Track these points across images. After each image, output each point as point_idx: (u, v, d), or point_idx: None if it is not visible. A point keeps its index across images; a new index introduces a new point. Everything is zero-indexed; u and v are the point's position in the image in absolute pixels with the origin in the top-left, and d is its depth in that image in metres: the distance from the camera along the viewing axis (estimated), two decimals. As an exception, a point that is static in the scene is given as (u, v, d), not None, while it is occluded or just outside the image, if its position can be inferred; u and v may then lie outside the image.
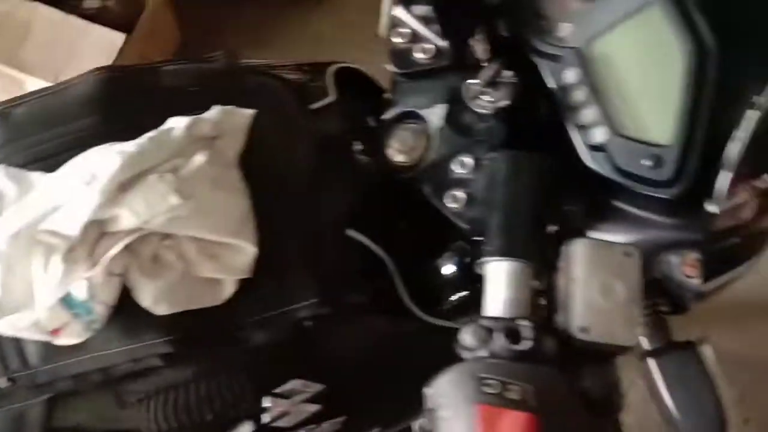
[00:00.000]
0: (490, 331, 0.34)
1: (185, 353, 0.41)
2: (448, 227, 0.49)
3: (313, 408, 0.49)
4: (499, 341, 0.33)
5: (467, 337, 0.34)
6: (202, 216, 0.40)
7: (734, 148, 0.37)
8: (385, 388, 0.52)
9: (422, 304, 0.55)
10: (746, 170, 0.38)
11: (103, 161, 0.40)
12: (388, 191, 0.55)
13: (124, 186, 0.40)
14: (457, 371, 0.33)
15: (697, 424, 0.51)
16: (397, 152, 0.52)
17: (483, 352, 0.34)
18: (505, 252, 0.36)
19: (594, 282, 0.34)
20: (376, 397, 0.52)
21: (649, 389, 0.54)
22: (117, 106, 0.45)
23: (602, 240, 0.35)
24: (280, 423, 0.48)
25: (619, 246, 0.35)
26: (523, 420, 0.30)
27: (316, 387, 0.48)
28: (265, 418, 0.47)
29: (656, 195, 0.45)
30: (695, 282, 0.45)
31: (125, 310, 0.40)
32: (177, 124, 0.44)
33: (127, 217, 0.39)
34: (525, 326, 0.33)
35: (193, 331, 0.41)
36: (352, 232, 0.49)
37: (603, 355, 0.35)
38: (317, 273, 0.44)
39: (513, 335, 0.33)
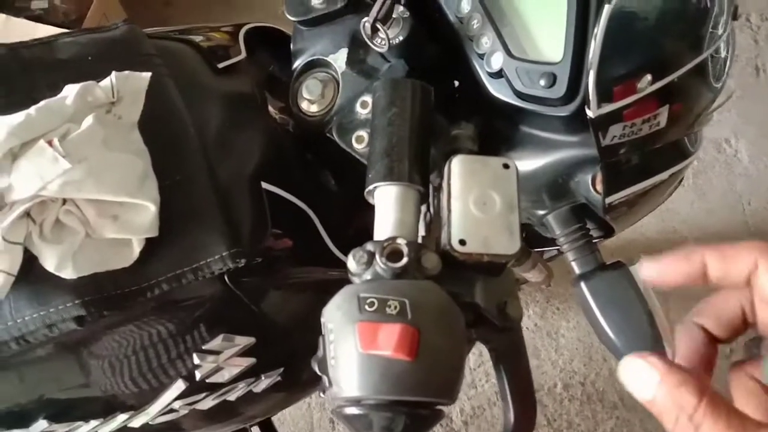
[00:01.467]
0: (373, 254, 0.34)
1: (99, 315, 0.42)
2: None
3: (247, 362, 0.50)
4: (380, 261, 0.33)
5: (351, 262, 0.34)
6: (96, 178, 0.40)
7: (594, 45, 0.37)
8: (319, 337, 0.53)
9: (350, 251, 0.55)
10: (619, 69, 0.38)
11: (-10, 132, 0.40)
12: (306, 145, 0.55)
13: (15, 155, 0.40)
14: (340, 295, 0.33)
15: (632, 341, 0.51)
16: (308, 102, 0.52)
17: (367, 275, 0.34)
18: (386, 176, 0.36)
19: (470, 194, 0.34)
20: (312, 347, 0.53)
21: (584, 312, 0.55)
22: (9, 82, 0.45)
23: (479, 155, 0.35)
24: (215, 379, 0.49)
25: (496, 159, 0.35)
26: (398, 330, 0.30)
27: (245, 341, 0.49)
28: (198, 375, 0.48)
29: (556, 114, 0.45)
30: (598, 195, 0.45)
31: (35, 278, 0.41)
32: (70, 91, 0.44)
33: (21, 186, 0.39)
34: (402, 244, 0.33)
35: (104, 293, 0.42)
36: (267, 185, 0.49)
37: (490, 269, 0.35)
38: (228, 225, 0.44)
39: (393, 255, 0.34)
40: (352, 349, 0.31)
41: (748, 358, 0.31)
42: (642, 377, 0.27)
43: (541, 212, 0.55)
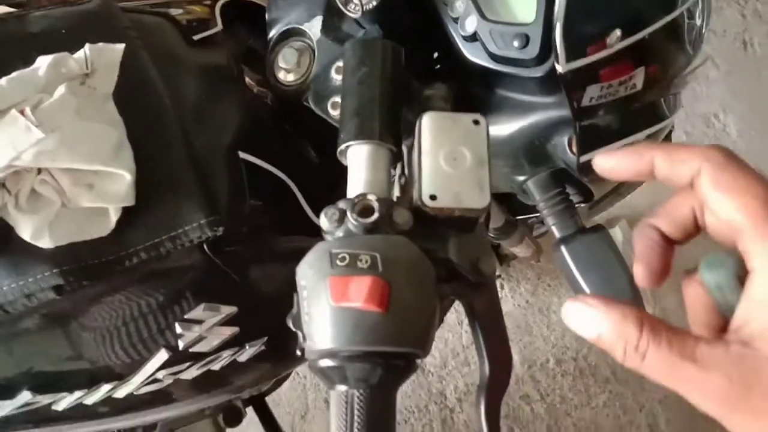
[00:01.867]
0: (345, 211, 0.34)
1: (78, 285, 0.42)
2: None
3: (230, 331, 0.50)
4: (352, 218, 0.34)
5: (323, 220, 0.35)
6: (70, 146, 0.40)
7: (559, 4, 0.37)
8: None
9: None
10: (586, 24, 0.38)
11: (-39, 103, 0.40)
12: (284, 116, 0.55)
13: (-13, 126, 0.40)
14: (312, 253, 0.34)
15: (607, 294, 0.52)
16: (284, 72, 0.52)
17: (339, 233, 0.34)
18: (357, 134, 0.37)
19: (440, 151, 0.34)
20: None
21: (566, 276, 0.56)
22: (-18, 54, 0.45)
23: (449, 112, 0.35)
24: (198, 348, 0.49)
25: (467, 115, 0.36)
26: (368, 283, 0.31)
27: (228, 310, 0.49)
28: (181, 344, 0.48)
29: (530, 75, 0.45)
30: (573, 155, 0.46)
31: (12, 249, 0.41)
32: (43, 62, 0.43)
33: (-6, 156, 0.39)
34: (373, 200, 0.34)
35: (82, 262, 0.42)
36: (245, 155, 0.50)
37: (462, 224, 0.35)
38: (204, 195, 0.44)
39: (365, 211, 0.34)
40: (324, 303, 0.32)
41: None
42: (585, 318, 0.28)
43: (521, 178, 0.55)
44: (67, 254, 0.41)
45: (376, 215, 0.33)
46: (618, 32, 0.39)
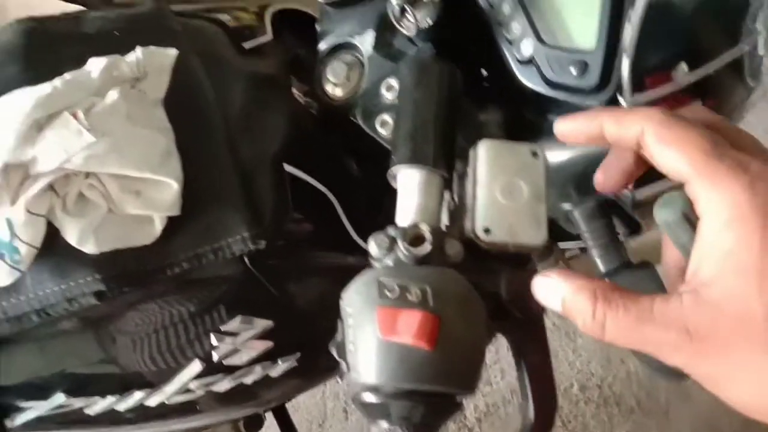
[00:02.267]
0: (395, 239, 0.33)
1: (119, 291, 0.42)
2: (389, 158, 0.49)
3: (264, 345, 0.50)
4: (402, 247, 0.33)
5: (372, 246, 0.34)
6: (120, 152, 0.40)
7: (631, 32, 0.36)
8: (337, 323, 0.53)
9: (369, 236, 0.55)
10: (655, 57, 0.37)
11: (17, 103, 0.40)
12: (330, 129, 0.55)
13: (41, 126, 0.40)
14: (360, 279, 0.33)
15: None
16: (332, 85, 0.52)
17: (388, 260, 0.33)
18: (410, 159, 0.36)
19: (497, 182, 0.33)
20: (330, 333, 0.53)
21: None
22: (38, 54, 0.45)
23: (507, 141, 0.34)
24: (232, 361, 0.49)
25: (525, 146, 0.34)
26: (419, 318, 0.30)
27: (263, 324, 0.49)
28: (215, 356, 0.48)
29: (587, 104, 0.44)
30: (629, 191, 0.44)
31: (57, 252, 0.41)
32: (96, 65, 0.43)
33: (45, 158, 0.39)
34: (426, 230, 0.33)
35: (125, 269, 0.42)
36: (289, 168, 0.49)
37: (515, 259, 0.34)
38: (249, 207, 0.44)
39: (416, 241, 0.33)
40: (371, 335, 0.31)
41: None
42: (547, 291, 0.30)
43: (567, 206, 0.54)
44: (110, 260, 0.41)
45: (428, 246, 0.32)
46: (684, 66, 0.38)
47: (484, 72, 0.52)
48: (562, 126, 0.32)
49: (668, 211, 0.28)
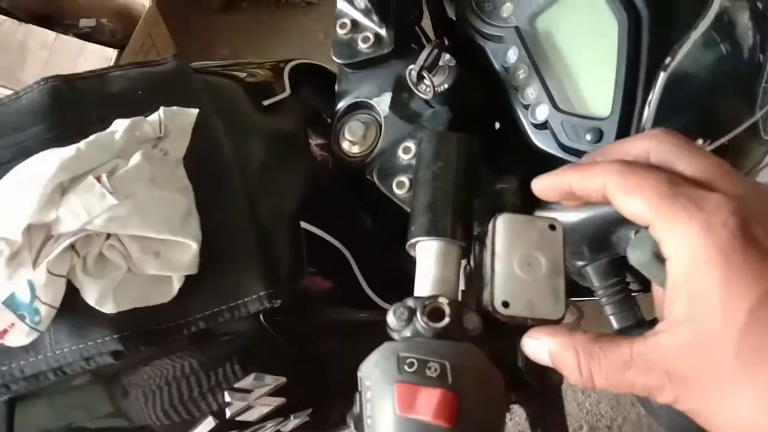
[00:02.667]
0: (414, 311, 0.34)
1: (136, 350, 0.42)
2: (404, 216, 0.50)
3: (277, 401, 0.50)
4: (421, 320, 0.33)
5: (391, 318, 0.34)
6: (142, 215, 0.41)
7: (649, 111, 0.36)
8: (351, 379, 0.53)
9: (384, 294, 0.55)
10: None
11: (42, 165, 0.41)
12: (345, 184, 0.55)
13: (64, 189, 0.41)
14: (379, 353, 0.33)
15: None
16: (349, 143, 0.52)
17: (407, 332, 0.34)
18: (429, 231, 0.36)
19: (515, 255, 0.33)
20: (343, 388, 0.53)
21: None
22: (63, 113, 0.46)
23: (525, 215, 0.35)
24: (245, 417, 0.49)
25: (543, 219, 0.35)
26: (438, 396, 0.30)
27: (277, 380, 0.49)
28: (228, 412, 0.48)
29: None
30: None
31: (75, 311, 0.41)
32: (119, 126, 0.44)
33: (68, 219, 0.40)
34: (444, 303, 0.33)
35: (142, 329, 0.42)
36: (305, 225, 0.50)
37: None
38: (266, 265, 0.44)
39: (435, 314, 0.33)
40: (390, 411, 0.31)
41: None
42: (537, 352, 0.31)
43: (580, 263, 0.54)
44: (128, 320, 0.41)
45: (446, 320, 0.33)
46: (700, 141, 0.39)
47: (497, 126, 0.53)
48: (536, 184, 0.34)
49: (639, 252, 0.29)
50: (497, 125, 0.55)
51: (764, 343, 0.23)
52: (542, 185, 0.34)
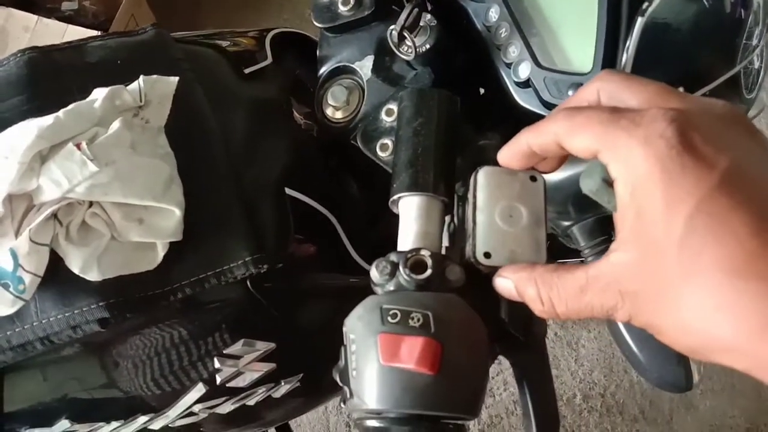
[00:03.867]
0: (396, 264, 0.34)
1: (122, 318, 0.42)
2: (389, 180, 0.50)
3: (267, 367, 0.50)
4: (404, 273, 0.33)
5: (374, 272, 0.34)
6: (123, 181, 0.41)
7: (627, 57, 0.36)
8: (341, 344, 0.53)
9: (372, 259, 0.55)
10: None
11: (21, 135, 0.40)
12: (330, 150, 0.55)
13: (44, 158, 0.41)
14: (363, 306, 0.33)
15: (655, 356, 0.51)
16: (333, 109, 0.52)
17: (390, 286, 0.34)
18: (410, 186, 0.36)
19: (496, 207, 0.34)
20: (333, 354, 0.53)
21: (608, 326, 0.55)
22: (41, 85, 0.46)
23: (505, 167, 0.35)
24: (235, 383, 0.49)
25: (524, 171, 0.35)
26: (420, 344, 0.30)
27: (266, 346, 0.49)
28: (218, 379, 0.48)
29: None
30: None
31: (60, 280, 0.41)
32: (99, 95, 0.44)
33: (49, 188, 0.40)
34: (426, 255, 0.33)
35: (128, 296, 0.42)
36: (290, 191, 0.49)
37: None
38: (251, 231, 0.44)
39: (417, 266, 0.33)
40: (374, 361, 0.31)
41: None
42: (505, 290, 0.32)
43: (567, 223, 0.54)
44: (113, 287, 0.41)
45: (429, 272, 0.33)
46: (681, 90, 0.38)
47: (482, 91, 0.53)
48: (500, 156, 0.34)
49: (590, 180, 0.29)
50: (482, 91, 0.54)
51: (703, 249, 0.23)
52: (504, 155, 0.34)
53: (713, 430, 1.33)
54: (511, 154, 0.33)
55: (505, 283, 0.32)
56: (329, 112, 0.52)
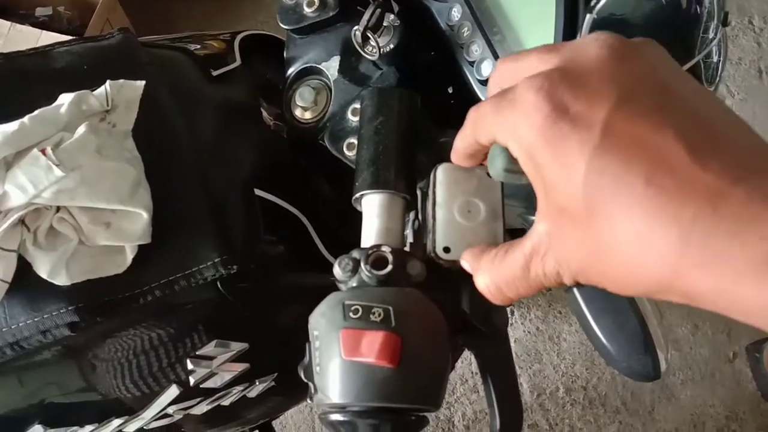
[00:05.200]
0: (358, 261, 0.34)
1: (92, 322, 0.42)
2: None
3: (241, 367, 0.50)
4: (365, 269, 0.34)
5: (337, 269, 0.35)
6: (89, 186, 0.41)
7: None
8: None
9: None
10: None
11: (-15, 141, 0.40)
12: (300, 151, 0.56)
13: (9, 164, 0.41)
14: (326, 303, 0.34)
15: (624, 347, 0.52)
16: (301, 110, 0.53)
17: (353, 282, 0.34)
18: (372, 184, 0.37)
19: (455, 203, 0.34)
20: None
21: (578, 319, 0.55)
22: (6, 91, 0.46)
23: None
24: (209, 384, 0.49)
25: (481, 167, 0.36)
26: (381, 338, 0.31)
27: (239, 346, 0.49)
28: (192, 380, 0.48)
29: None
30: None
31: (29, 285, 0.41)
32: (65, 100, 0.44)
33: (15, 194, 0.40)
34: (387, 252, 0.34)
35: (97, 299, 0.42)
36: (260, 192, 0.50)
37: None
38: (220, 233, 0.45)
39: (378, 262, 0.34)
40: (336, 356, 0.32)
41: (750, 362, 0.31)
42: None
43: (533, 218, 0.55)
44: (82, 291, 0.42)
45: (389, 267, 0.33)
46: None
47: (450, 90, 0.54)
48: (452, 157, 0.33)
49: (495, 164, 0.29)
50: (450, 90, 0.55)
51: (605, 208, 0.23)
52: (453, 157, 0.33)
53: (694, 419, 1.35)
54: (455, 156, 0.33)
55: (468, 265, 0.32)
56: (298, 112, 0.53)
